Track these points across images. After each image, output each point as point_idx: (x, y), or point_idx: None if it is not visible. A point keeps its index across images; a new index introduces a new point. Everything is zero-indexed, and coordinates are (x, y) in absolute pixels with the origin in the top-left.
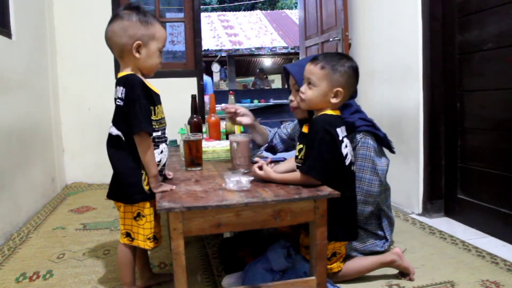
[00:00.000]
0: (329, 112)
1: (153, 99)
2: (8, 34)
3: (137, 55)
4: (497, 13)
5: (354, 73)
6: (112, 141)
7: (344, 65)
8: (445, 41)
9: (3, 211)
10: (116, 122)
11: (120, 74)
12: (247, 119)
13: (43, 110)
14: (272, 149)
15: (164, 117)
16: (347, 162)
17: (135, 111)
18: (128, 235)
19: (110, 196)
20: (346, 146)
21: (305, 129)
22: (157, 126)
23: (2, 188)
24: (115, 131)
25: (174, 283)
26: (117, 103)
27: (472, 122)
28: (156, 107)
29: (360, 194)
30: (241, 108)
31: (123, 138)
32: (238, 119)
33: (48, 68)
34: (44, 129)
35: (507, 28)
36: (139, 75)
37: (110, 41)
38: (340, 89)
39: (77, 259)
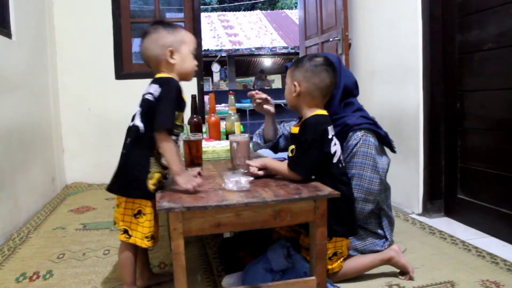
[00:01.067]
0: (318, 112)
1: (180, 104)
2: (8, 34)
3: (172, 61)
4: (497, 13)
5: (314, 67)
6: (132, 132)
7: (305, 61)
8: (445, 41)
9: (3, 211)
10: (143, 115)
11: (159, 75)
12: (273, 109)
13: (43, 110)
14: (275, 146)
15: (181, 125)
16: (335, 159)
17: (165, 109)
18: (125, 231)
19: (111, 189)
20: (335, 144)
21: (294, 130)
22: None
23: (2, 188)
24: (138, 123)
25: (174, 283)
26: (147, 97)
27: (472, 122)
28: (178, 113)
29: (361, 192)
30: (268, 96)
31: (143, 133)
32: (266, 106)
33: (48, 68)
34: (44, 129)
35: (507, 28)
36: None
37: (145, 57)
38: (296, 82)
39: (77, 259)
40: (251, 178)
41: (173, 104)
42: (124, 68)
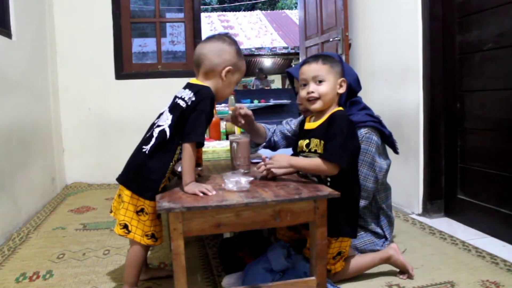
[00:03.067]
0: (340, 108)
1: (211, 118)
2: (8, 34)
3: (224, 78)
4: (497, 13)
5: (346, 66)
6: (158, 135)
7: (336, 59)
8: (445, 41)
9: (3, 211)
10: (173, 123)
11: (195, 81)
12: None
13: (43, 110)
14: (273, 146)
15: None
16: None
17: (200, 121)
18: (125, 226)
19: (122, 181)
20: None
21: (310, 126)
22: None
23: (2, 188)
24: (167, 129)
25: (174, 283)
26: (179, 102)
27: (472, 122)
28: None
29: None
30: (243, 109)
31: (169, 139)
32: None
33: (48, 68)
34: (44, 129)
35: (507, 28)
36: None
37: (203, 56)
38: (343, 78)
39: (77, 259)
40: (251, 178)
41: (207, 118)
42: (124, 68)
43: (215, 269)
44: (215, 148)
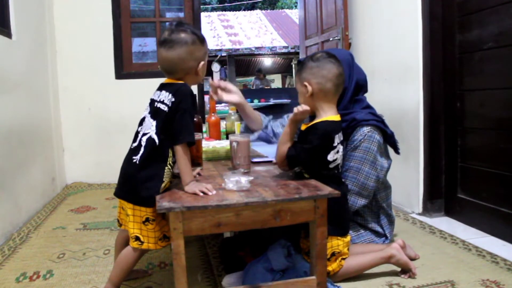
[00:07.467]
0: (330, 118)
1: (195, 112)
2: (8, 34)
3: (200, 73)
4: (497, 12)
5: (318, 62)
6: (147, 144)
7: (307, 61)
8: (445, 41)
9: (3, 211)
10: (159, 129)
11: (170, 81)
12: (235, 97)
13: (43, 110)
14: (271, 136)
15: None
16: (332, 165)
17: (185, 121)
18: (137, 239)
19: (122, 196)
20: (337, 152)
21: (303, 127)
22: None
23: (2, 188)
24: (154, 136)
25: (174, 283)
26: (160, 106)
27: (472, 121)
28: None
29: (355, 186)
30: (229, 84)
31: (158, 145)
32: (226, 97)
33: (48, 68)
34: (44, 129)
35: (507, 27)
36: None
37: (176, 66)
38: (305, 83)
39: (77, 259)
40: (251, 178)
41: (192, 115)
42: (124, 68)
43: (216, 269)
44: (215, 147)
